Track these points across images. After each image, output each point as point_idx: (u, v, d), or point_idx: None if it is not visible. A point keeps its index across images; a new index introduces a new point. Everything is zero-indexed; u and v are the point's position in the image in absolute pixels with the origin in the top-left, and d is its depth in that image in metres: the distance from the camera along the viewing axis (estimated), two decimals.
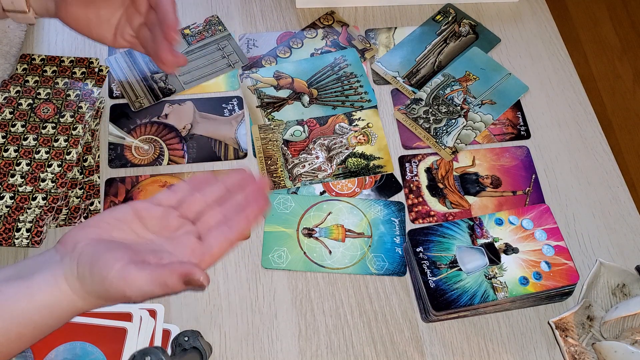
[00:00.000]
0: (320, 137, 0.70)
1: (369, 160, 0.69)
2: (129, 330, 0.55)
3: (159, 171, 0.68)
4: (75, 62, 0.71)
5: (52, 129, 0.64)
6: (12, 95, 0.66)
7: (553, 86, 0.76)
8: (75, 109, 0.65)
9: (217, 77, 0.75)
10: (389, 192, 0.68)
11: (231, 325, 0.59)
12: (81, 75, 0.69)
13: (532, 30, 0.80)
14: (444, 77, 0.75)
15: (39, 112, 0.65)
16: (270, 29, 0.79)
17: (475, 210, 0.67)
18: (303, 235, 0.64)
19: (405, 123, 0.72)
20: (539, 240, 0.59)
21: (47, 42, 0.75)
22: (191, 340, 0.54)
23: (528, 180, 0.69)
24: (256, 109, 0.72)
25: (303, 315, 0.60)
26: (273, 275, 0.62)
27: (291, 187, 0.67)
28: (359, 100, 0.73)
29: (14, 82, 0.68)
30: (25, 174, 0.63)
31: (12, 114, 0.65)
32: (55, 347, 0.55)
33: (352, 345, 0.59)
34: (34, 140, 0.64)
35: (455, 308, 0.56)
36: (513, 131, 0.72)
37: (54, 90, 0.67)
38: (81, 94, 0.67)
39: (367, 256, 0.63)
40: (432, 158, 0.70)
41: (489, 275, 0.57)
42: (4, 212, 0.61)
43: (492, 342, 0.60)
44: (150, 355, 0.48)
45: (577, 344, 0.56)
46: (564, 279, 0.57)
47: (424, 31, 0.79)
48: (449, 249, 0.58)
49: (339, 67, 0.75)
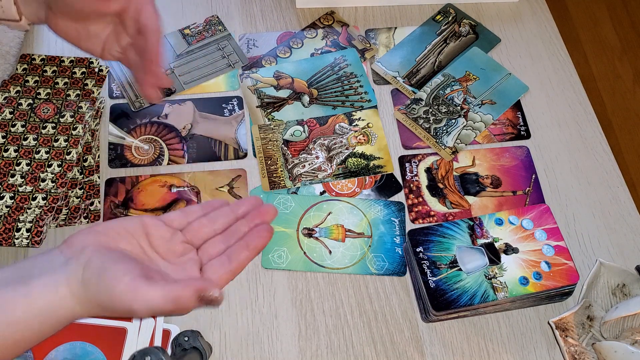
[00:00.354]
0: (320, 137, 0.70)
1: (369, 160, 0.69)
2: (129, 330, 0.55)
3: (158, 171, 0.68)
4: (75, 62, 0.71)
5: (52, 129, 0.64)
6: (12, 95, 0.66)
7: (553, 86, 0.76)
8: (75, 109, 0.66)
9: (217, 77, 0.75)
10: (389, 192, 0.68)
11: (231, 325, 0.59)
12: (81, 75, 0.69)
13: (532, 30, 0.80)
14: (444, 77, 0.75)
15: (39, 112, 0.65)
16: (270, 29, 0.79)
17: (475, 210, 0.67)
18: (303, 235, 0.64)
19: (405, 123, 0.72)
20: (539, 240, 0.59)
21: (47, 42, 0.75)
22: (191, 340, 0.54)
23: (528, 180, 0.69)
24: (256, 109, 0.72)
25: (303, 315, 0.60)
26: (273, 275, 0.62)
27: (291, 187, 0.67)
28: (359, 100, 0.73)
29: (14, 82, 0.68)
30: (25, 174, 0.63)
31: (12, 114, 0.65)
32: (55, 347, 0.55)
33: (352, 345, 0.59)
34: (34, 140, 0.64)
35: (455, 308, 0.56)
36: (513, 131, 0.72)
37: (53, 90, 0.67)
38: (81, 94, 0.67)
39: (367, 256, 0.63)
40: (432, 158, 0.70)
41: (489, 275, 0.57)
42: (4, 212, 0.61)
43: (492, 342, 0.60)
44: (150, 355, 0.48)
45: (577, 344, 0.56)
46: (564, 279, 0.57)
47: (424, 31, 0.79)
48: (449, 249, 0.58)
49: (339, 67, 0.75)
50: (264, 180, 0.67)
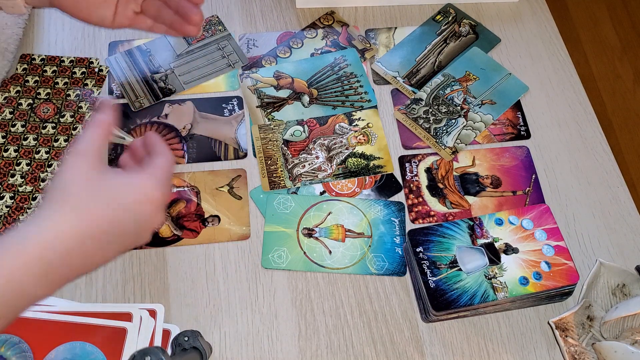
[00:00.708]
0: (320, 137, 0.70)
1: (369, 160, 0.69)
2: (129, 330, 0.55)
3: None
4: (76, 62, 0.71)
5: (52, 129, 0.64)
6: (12, 95, 0.66)
7: (553, 86, 0.76)
8: (76, 109, 0.66)
9: (217, 77, 0.75)
10: (389, 192, 0.68)
11: (231, 325, 0.59)
12: (81, 75, 0.69)
13: (532, 30, 0.80)
14: (444, 77, 0.75)
15: (39, 112, 0.65)
16: (270, 29, 0.79)
17: (475, 210, 0.67)
18: (303, 235, 0.64)
19: (405, 123, 0.72)
20: (539, 240, 0.59)
21: (47, 42, 0.75)
22: (191, 340, 0.54)
23: (528, 180, 0.69)
24: (256, 109, 0.72)
25: (303, 315, 0.60)
26: (273, 275, 0.62)
27: (291, 187, 0.67)
28: (359, 100, 0.73)
29: (14, 82, 0.68)
30: (25, 174, 0.63)
31: (12, 114, 0.65)
32: (55, 347, 0.55)
33: (352, 345, 0.59)
34: (34, 140, 0.64)
35: (455, 308, 0.56)
36: (513, 131, 0.72)
37: (53, 90, 0.67)
38: (81, 94, 0.67)
39: (367, 256, 0.63)
40: (432, 158, 0.70)
41: (489, 275, 0.57)
42: (4, 212, 0.61)
43: (492, 342, 0.60)
44: (150, 355, 0.48)
45: (577, 344, 0.56)
46: (564, 279, 0.57)
47: (424, 31, 0.79)
48: (449, 249, 0.58)
49: (339, 67, 0.75)
50: (264, 180, 0.67)
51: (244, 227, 0.65)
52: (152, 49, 0.76)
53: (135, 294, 0.60)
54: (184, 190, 0.66)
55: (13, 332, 0.55)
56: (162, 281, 0.61)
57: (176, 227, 0.64)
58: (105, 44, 0.76)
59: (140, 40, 0.77)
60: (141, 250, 0.63)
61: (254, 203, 0.66)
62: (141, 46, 0.76)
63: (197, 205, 0.66)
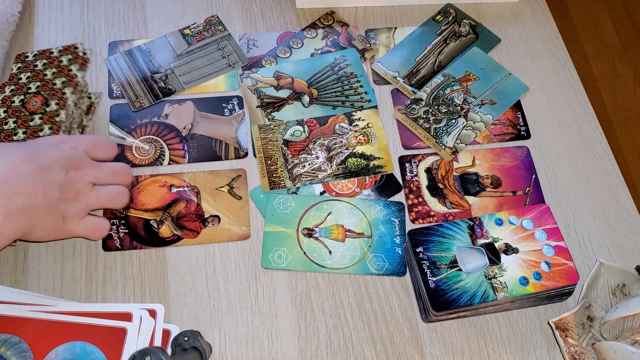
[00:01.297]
0: (320, 137, 0.70)
1: (369, 160, 0.69)
2: (129, 330, 0.55)
3: (158, 171, 0.68)
4: (63, 50, 0.69)
5: (39, 120, 0.64)
6: (6, 94, 0.66)
7: (553, 86, 0.76)
8: (60, 96, 0.65)
9: (217, 77, 0.75)
10: (389, 192, 0.68)
11: (231, 325, 0.59)
12: (68, 63, 0.68)
13: (532, 30, 0.80)
14: (444, 77, 0.75)
15: (29, 105, 0.65)
16: (270, 29, 0.79)
17: (475, 210, 0.67)
18: (303, 235, 0.64)
19: (405, 123, 0.72)
20: (539, 241, 0.59)
21: (47, 42, 0.76)
22: (191, 340, 0.54)
23: (528, 180, 0.69)
24: (256, 109, 0.72)
25: (303, 315, 0.60)
26: (273, 275, 0.62)
27: (291, 187, 0.67)
28: (359, 101, 0.73)
29: (9, 83, 0.67)
30: None
31: (6, 113, 0.65)
32: (55, 347, 0.55)
33: (352, 345, 0.59)
34: (22, 133, 0.63)
35: (455, 308, 0.56)
36: (513, 131, 0.72)
37: (42, 82, 0.66)
38: (66, 80, 0.66)
39: (367, 256, 0.63)
40: (432, 158, 0.70)
41: (489, 275, 0.57)
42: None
43: (492, 342, 0.60)
44: (150, 355, 0.48)
45: (577, 344, 0.56)
46: (564, 279, 0.57)
47: (424, 31, 0.79)
48: (449, 249, 0.58)
49: (339, 67, 0.75)
50: (264, 180, 0.67)
51: (244, 227, 0.65)
52: (152, 49, 0.76)
53: (135, 294, 0.60)
54: (184, 191, 0.66)
55: (13, 332, 0.55)
56: (162, 281, 0.61)
57: (176, 227, 0.64)
58: (105, 44, 0.76)
59: (140, 40, 0.77)
60: (141, 250, 0.63)
61: (254, 203, 0.66)
62: (141, 46, 0.76)
63: (197, 206, 0.66)
